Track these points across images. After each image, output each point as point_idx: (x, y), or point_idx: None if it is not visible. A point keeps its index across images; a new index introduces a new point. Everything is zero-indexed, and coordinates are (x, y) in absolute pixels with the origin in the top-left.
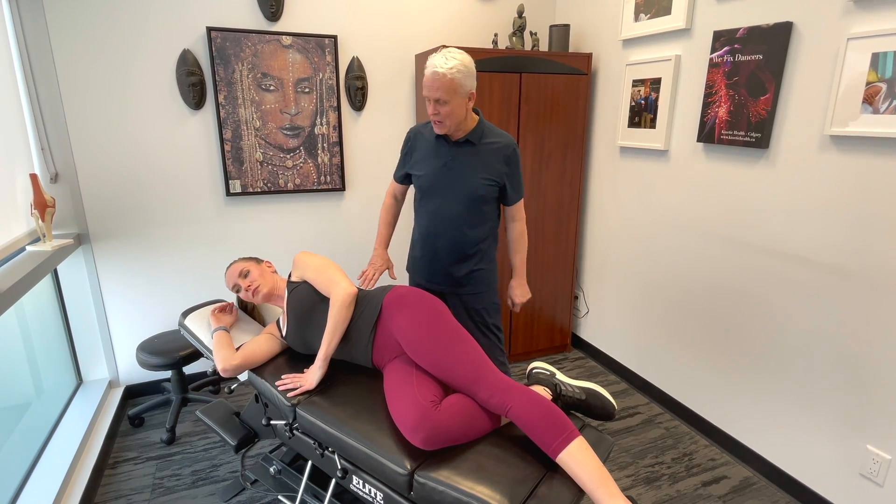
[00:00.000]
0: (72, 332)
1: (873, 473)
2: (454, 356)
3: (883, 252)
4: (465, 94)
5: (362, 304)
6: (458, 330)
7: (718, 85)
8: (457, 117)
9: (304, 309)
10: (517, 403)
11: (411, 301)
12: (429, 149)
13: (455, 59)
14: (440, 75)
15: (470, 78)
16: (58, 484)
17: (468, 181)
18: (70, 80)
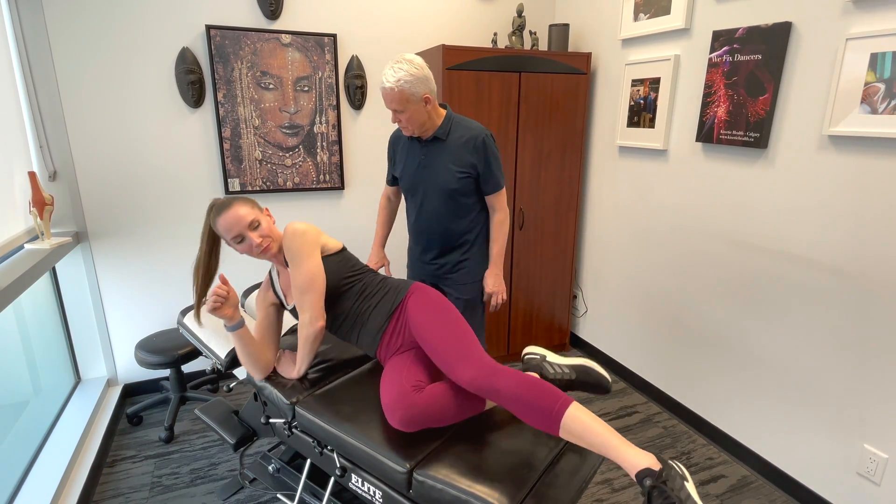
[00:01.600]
0: (70, 331)
1: (870, 472)
2: (448, 333)
3: (881, 251)
4: (419, 100)
5: (385, 289)
6: (458, 316)
7: (717, 85)
8: (417, 121)
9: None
10: (505, 384)
11: (433, 297)
12: (406, 150)
13: (401, 70)
14: (388, 89)
15: (420, 83)
16: (56, 482)
17: (441, 176)
18: (69, 77)
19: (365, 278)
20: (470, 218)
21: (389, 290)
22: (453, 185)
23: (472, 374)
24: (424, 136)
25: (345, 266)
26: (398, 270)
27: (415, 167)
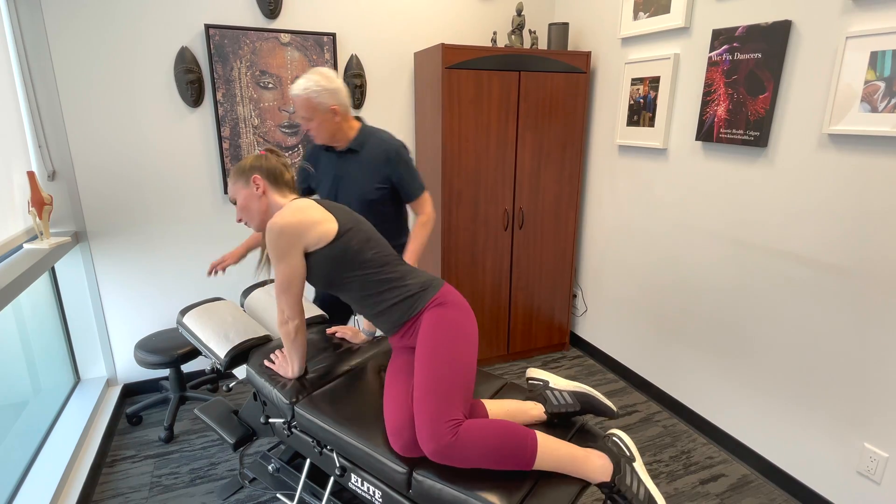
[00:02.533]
0: (69, 330)
1: (871, 471)
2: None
3: (881, 250)
4: (326, 110)
5: (404, 291)
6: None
7: (717, 83)
8: (326, 131)
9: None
10: (470, 452)
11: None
12: (321, 161)
13: (311, 80)
14: (295, 96)
15: (328, 95)
16: (55, 482)
17: (359, 186)
18: (68, 77)
19: (382, 272)
20: (398, 224)
21: (408, 297)
22: (371, 195)
23: (431, 448)
24: (338, 147)
25: (344, 259)
26: None
27: (331, 179)
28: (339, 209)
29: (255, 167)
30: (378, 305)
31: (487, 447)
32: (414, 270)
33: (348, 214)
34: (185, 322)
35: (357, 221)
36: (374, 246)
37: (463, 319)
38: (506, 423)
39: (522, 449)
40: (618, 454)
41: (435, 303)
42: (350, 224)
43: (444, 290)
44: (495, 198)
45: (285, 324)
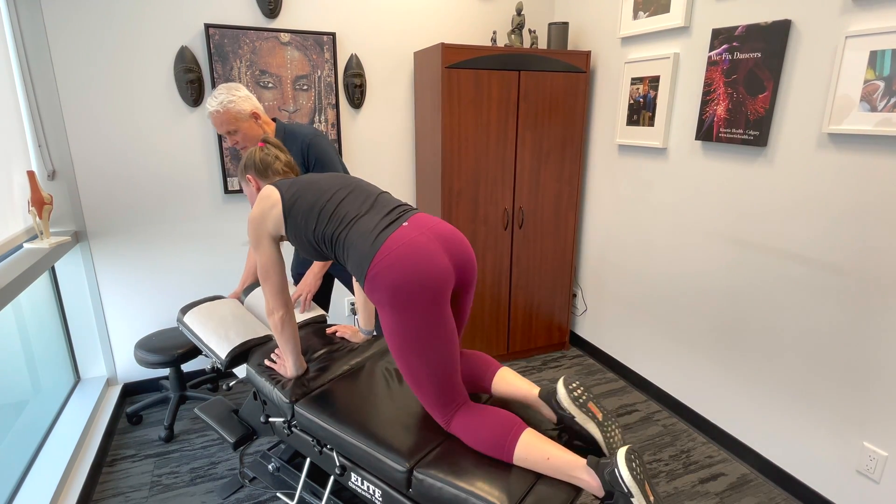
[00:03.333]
0: (69, 330)
1: (870, 470)
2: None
3: (880, 250)
4: (248, 116)
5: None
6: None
7: (717, 83)
8: (253, 138)
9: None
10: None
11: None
12: None
13: (221, 94)
14: (215, 113)
15: (243, 101)
16: (56, 481)
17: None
18: (67, 76)
19: (333, 238)
20: None
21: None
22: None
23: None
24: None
25: (300, 234)
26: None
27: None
28: (288, 185)
29: (247, 165)
30: (347, 269)
31: (472, 439)
32: (351, 239)
33: (292, 187)
34: (186, 321)
35: (300, 191)
36: (315, 217)
37: (402, 290)
38: (495, 419)
39: (500, 447)
40: (611, 486)
41: (371, 273)
42: (293, 199)
43: (382, 249)
44: (495, 197)
45: (271, 315)
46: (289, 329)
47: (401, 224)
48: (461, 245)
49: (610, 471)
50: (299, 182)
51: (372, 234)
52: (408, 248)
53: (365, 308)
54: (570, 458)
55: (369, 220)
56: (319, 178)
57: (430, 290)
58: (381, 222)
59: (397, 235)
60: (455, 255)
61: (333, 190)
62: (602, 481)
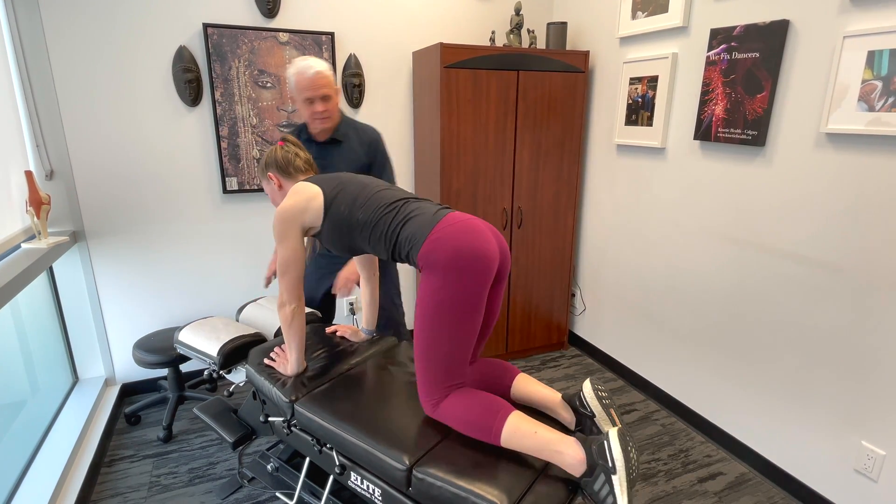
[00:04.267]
0: (67, 330)
1: (868, 469)
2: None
3: (878, 249)
4: (339, 90)
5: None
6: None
7: (715, 83)
8: (335, 113)
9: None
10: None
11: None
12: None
13: (318, 60)
14: (323, 73)
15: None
16: (54, 482)
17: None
18: (65, 76)
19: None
20: None
21: (409, 249)
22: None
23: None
24: (324, 136)
25: (342, 227)
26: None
27: (319, 171)
28: (327, 180)
29: (268, 164)
30: (395, 257)
31: (459, 421)
32: (410, 215)
33: (333, 181)
34: (181, 338)
35: (342, 185)
36: (362, 204)
37: (460, 258)
38: (483, 402)
39: (488, 430)
40: (595, 459)
41: (433, 236)
42: (335, 191)
43: (444, 221)
44: (494, 197)
45: (283, 307)
46: (297, 322)
47: (452, 211)
48: (500, 236)
49: (599, 443)
50: (337, 178)
51: (430, 211)
52: (466, 225)
53: (370, 307)
54: (555, 435)
55: (423, 204)
56: (354, 177)
57: (482, 269)
58: (434, 206)
59: (454, 215)
60: (499, 244)
61: (375, 185)
62: (587, 453)
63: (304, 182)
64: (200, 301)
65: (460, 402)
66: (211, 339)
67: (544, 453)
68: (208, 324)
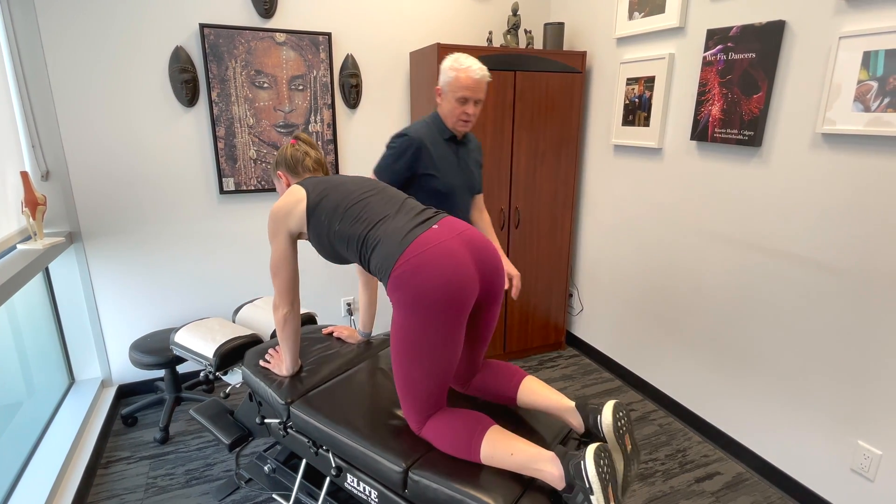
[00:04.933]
0: (63, 331)
1: (864, 469)
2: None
3: (874, 249)
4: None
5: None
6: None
7: (712, 83)
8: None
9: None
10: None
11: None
12: (441, 150)
13: (474, 60)
14: (487, 78)
15: None
16: (50, 484)
17: (472, 175)
18: (61, 76)
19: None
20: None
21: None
22: (478, 185)
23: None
24: (459, 136)
25: (322, 233)
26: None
27: (455, 168)
28: (317, 183)
29: (278, 162)
30: (370, 269)
31: (442, 443)
32: (380, 235)
33: (321, 185)
34: (177, 339)
35: (328, 190)
36: (341, 215)
37: (426, 295)
38: (462, 423)
39: (467, 449)
40: (573, 478)
41: (397, 272)
42: (318, 198)
43: (410, 248)
44: (491, 197)
45: (276, 310)
46: (291, 326)
47: (430, 226)
48: (490, 255)
49: (576, 463)
50: (327, 182)
51: (400, 233)
52: (437, 251)
53: (367, 309)
54: (535, 451)
55: (398, 220)
56: (347, 180)
57: (453, 303)
58: (410, 222)
59: (427, 237)
60: (483, 266)
61: (361, 191)
62: (565, 471)
63: (298, 186)
64: (197, 302)
65: (440, 425)
66: (207, 341)
67: (525, 470)
68: (204, 325)
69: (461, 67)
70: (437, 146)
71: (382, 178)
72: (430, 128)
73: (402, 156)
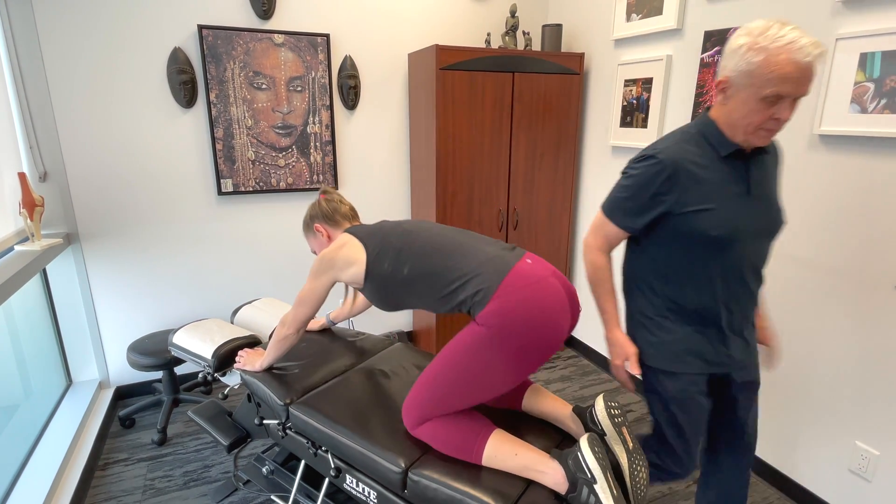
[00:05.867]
0: (61, 333)
1: (862, 469)
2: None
3: (872, 250)
4: None
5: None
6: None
7: (709, 84)
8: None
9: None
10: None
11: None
12: (716, 174)
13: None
14: (815, 62)
15: None
16: (47, 486)
17: (773, 208)
18: (59, 78)
19: (429, 283)
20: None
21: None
22: (782, 222)
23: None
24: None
25: (387, 286)
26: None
27: (740, 201)
28: (370, 233)
29: (314, 217)
30: (453, 311)
31: (439, 442)
32: (469, 270)
33: (376, 235)
34: (175, 341)
35: (384, 237)
36: (407, 258)
37: (522, 335)
38: (467, 423)
39: (469, 452)
40: (574, 473)
41: (496, 303)
42: (376, 248)
43: (510, 278)
44: (489, 198)
45: (283, 326)
46: (287, 345)
47: (521, 256)
48: (576, 303)
49: (574, 457)
50: (378, 228)
51: (494, 262)
52: (541, 290)
53: (348, 309)
54: (537, 455)
55: (482, 249)
56: (398, 223)
57: (544, 349)
58: (499, 251)
59: (525, 269)
60: (573, 315)
61: (419, 229)
62: (566, 469)
63: (351, 236)
64: (195, 303)
65: (440, 426)
66: (205, 342)
67: (526, 473)
68: (203, 326)
69: (780, 45)
70: (709, 169)
71: (615, 219)
72: (695, 142)
73: (647, 186)
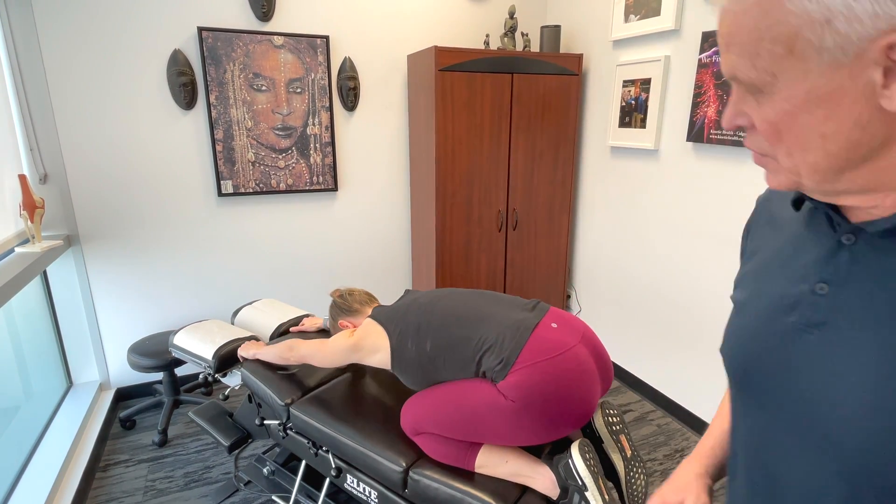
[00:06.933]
0: (61, 335)
1: None
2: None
3: None
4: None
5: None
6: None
7: (707, 85)
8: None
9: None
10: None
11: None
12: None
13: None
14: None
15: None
16: (48, 487)
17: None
18: (59, 79)
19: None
20: None
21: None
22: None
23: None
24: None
25: (412, 367)
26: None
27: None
28: (392, 317)
29: (335, 317)
30: (481, 369)
31: (432, 451)
32: (488, 339)
33: (396, 319)
34: (176, 342)
35: (404, 317)
36: (426, 334)
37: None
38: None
39: (461, 460)
40: (565, 480)
41: (518, 374)
42: (397, 330)
43: (531, 344)
44: (489, 199)
45: (290, 351)
46: (282, 362)
47: (541, 316)
48: (607, 363)
49: (564, 463)
50: (395, 309)
51: (514, 326)
52: (566, 362)
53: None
54: (527, 461)
55: (499, 313)
56: (418, 297)
57: (569, 424)
58: (516, 311)
59: (550, 337)
60: (605, 380)
61: (438, 303)
62: (556, 476)
63: (373, 321)
64: (195, 304)
65: (429, 439)
66: (206, 343)
67: (517, 479)
68: (203, 327)
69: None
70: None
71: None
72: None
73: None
